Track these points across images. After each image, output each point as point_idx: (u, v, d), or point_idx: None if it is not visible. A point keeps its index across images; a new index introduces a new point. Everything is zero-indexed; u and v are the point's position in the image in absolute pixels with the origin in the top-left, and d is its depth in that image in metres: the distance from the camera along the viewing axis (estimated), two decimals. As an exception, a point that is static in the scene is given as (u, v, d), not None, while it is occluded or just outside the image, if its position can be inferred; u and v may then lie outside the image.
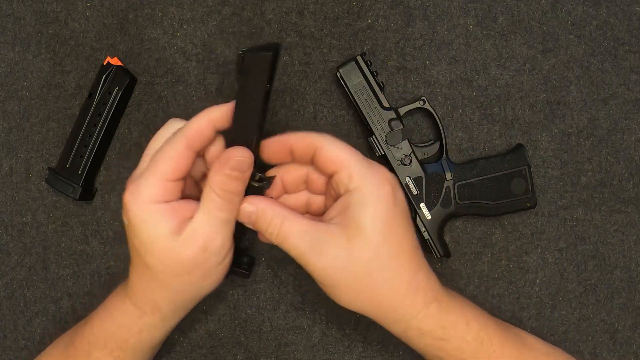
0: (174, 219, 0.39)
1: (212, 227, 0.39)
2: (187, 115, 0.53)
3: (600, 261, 0.53)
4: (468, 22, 0.53)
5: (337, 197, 0.41)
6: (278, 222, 0.40)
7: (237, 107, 0.40)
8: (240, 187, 0.40)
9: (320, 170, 0.42)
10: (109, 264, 0.54)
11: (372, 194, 0.39)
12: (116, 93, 0.52)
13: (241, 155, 0.39)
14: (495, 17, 0.54)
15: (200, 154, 0.42)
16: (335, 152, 0.40)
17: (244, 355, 0.54)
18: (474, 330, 0.42)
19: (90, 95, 0.53)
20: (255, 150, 0.40)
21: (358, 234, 0.38)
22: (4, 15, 0.56)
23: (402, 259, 0.40)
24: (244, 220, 0.41)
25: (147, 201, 0.39)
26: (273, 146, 0.42)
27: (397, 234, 0.40)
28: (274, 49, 0.39)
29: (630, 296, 0.53)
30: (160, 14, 0.54)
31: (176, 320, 0.45)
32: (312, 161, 0.41)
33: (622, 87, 0.54)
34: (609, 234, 0.53)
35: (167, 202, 0.40)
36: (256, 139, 0.40)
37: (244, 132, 0.40)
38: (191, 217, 0.39)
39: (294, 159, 0.42)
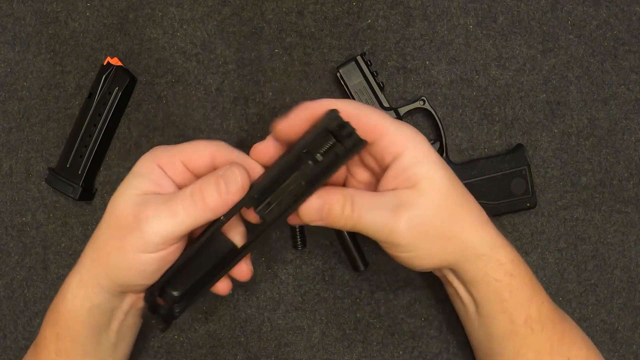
0: (153, 185, 0.40)
1: (162, 211, 0.38)
2: (187, 115, 0.54)
3: (600, 261, 0.53)
4: (468, 22, 0.53)
5: (378, 167, 0.41)
6: (349, 203, 0.39)
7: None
8: (215, 201, 0.38)
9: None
10: (109, 264, 0.54)
11: (421, 150, 0.39)
12: (116, 93, 0.52)
13: (239, 175, 0.38)
14: (495, 17, 0.54)
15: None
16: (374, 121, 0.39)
17: (244, 355, 0.54)
18: (530, 272, 0.43)
19: (90, 95, 0.53)
20: (286, 209, 0.38)
21: (428, 186, 0.39)
22: (4, 15, 0.56)
23: (468, 195, 0.41)
24: (314, 217, 0.39)
25: (151, 159, 0.41)
26: (297, 119, 0.39)
27: (454, 176, 0.41)
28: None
29: (630, 296, 0.53)
30: (160, 14, 0.54)
31: (94, 293, 0.41)
32: None
33: (622, 87, 0.54)
34: (609, 234, 0.53)
35: (164, 171, 0.40)
36: (277, 189, 0.38)
37: (267, 176, 0.39)
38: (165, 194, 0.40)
39: None
